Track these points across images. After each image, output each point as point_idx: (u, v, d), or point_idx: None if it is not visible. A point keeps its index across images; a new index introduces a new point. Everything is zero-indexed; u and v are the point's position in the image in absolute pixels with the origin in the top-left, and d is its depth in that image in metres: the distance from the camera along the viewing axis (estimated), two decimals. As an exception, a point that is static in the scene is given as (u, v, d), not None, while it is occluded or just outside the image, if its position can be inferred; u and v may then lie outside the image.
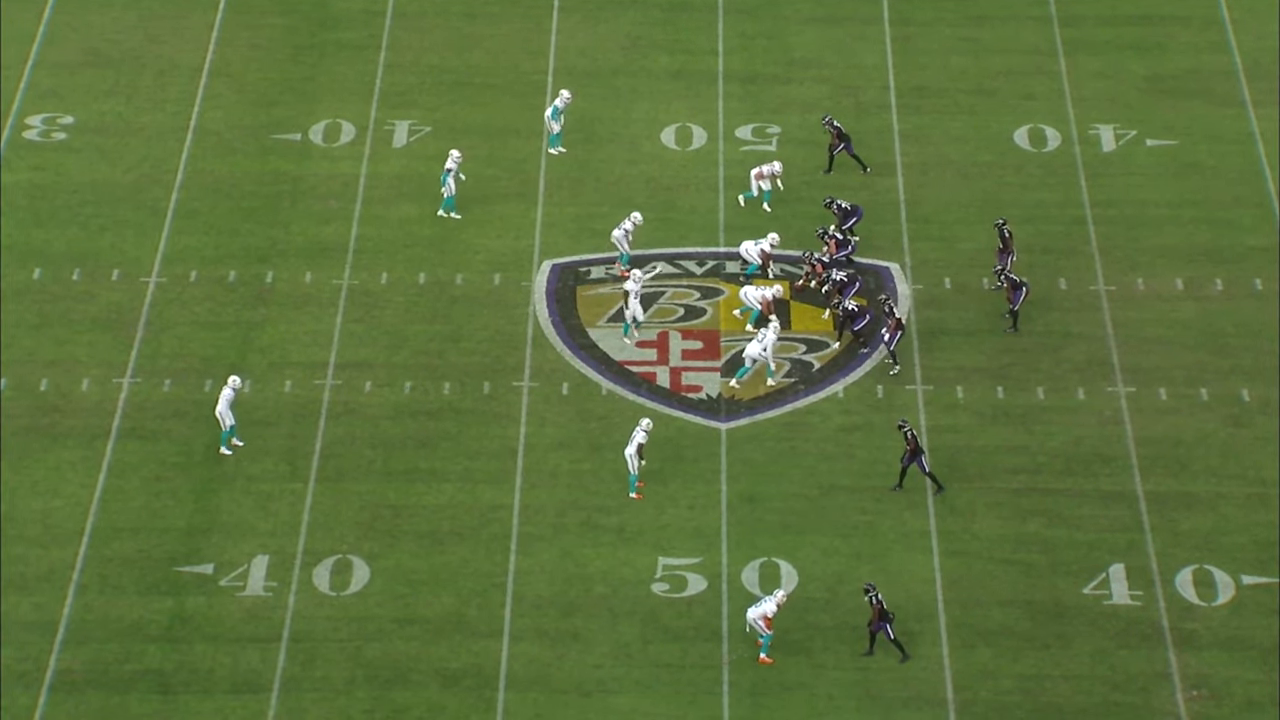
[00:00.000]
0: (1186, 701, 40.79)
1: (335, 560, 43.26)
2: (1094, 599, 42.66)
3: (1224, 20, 57.50)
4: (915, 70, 55.97)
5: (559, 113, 52.75)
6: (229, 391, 44.88)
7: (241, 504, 44.28)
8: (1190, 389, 47.08)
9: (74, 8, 57.37)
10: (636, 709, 40.50)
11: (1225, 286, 49.64)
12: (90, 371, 47.06)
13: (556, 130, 52.80)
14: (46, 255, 49.94)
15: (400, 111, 54.40)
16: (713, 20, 57.66)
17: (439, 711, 40.42)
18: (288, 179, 52.34)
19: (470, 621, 42.01)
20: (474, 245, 50.52)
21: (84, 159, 52.77)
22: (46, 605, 42.14)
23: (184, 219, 51.10)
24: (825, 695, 40.77)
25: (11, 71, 55.11)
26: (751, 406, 46.64)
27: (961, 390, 47.05)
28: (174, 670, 41.05)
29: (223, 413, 44.88)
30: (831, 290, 48.10)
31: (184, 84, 54.98)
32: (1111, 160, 53.31)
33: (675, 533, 43.78)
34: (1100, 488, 44.86)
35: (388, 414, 46.31)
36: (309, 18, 57.40)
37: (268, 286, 49.39)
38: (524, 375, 47.38)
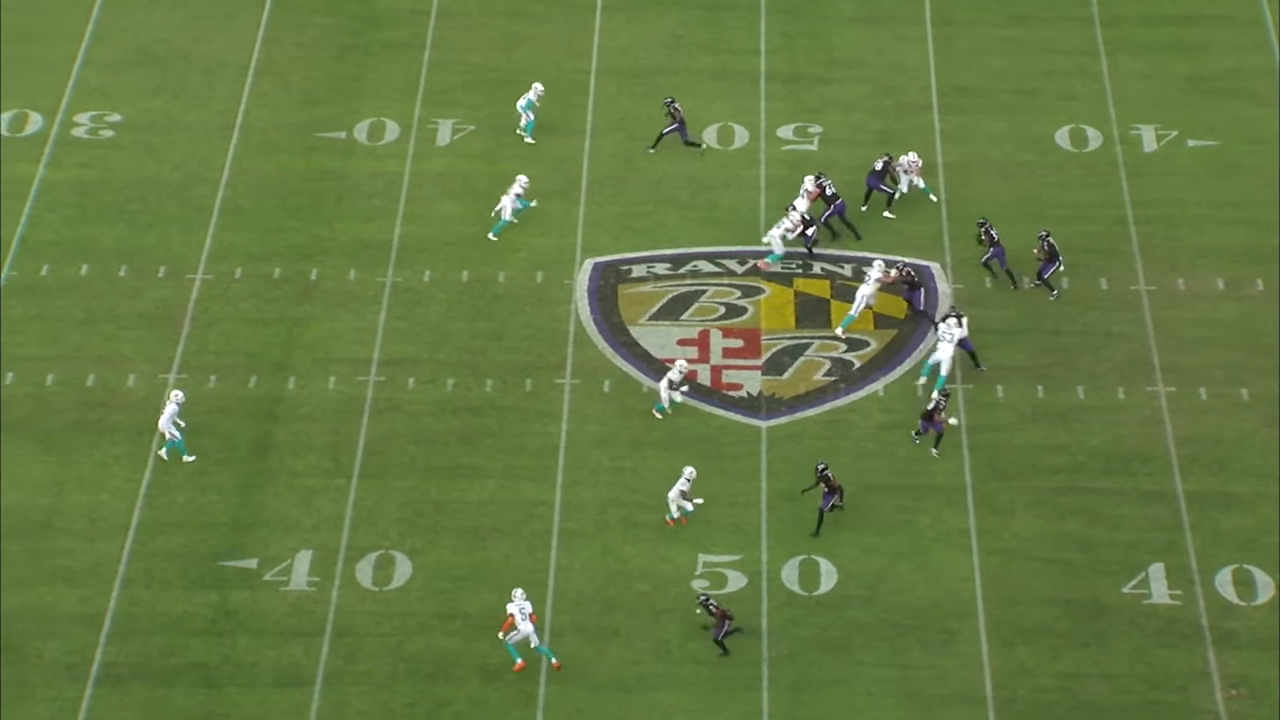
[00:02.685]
0: (1225, 700, 40.74)
1: (378, 555, 43.38)
2: (1133, 598, 42.60)
3: (1265, 20, 57.36)
4: (957, 70, 55.90)
5: (531, 105, 52.90)
6: (173, 406, 44.64)
7: (285, 499, 44.43)
8: (1230, 389, 46.97)
9: (122, 7, 57.58)
10: (676, 705, 40.56)
11: (1266, 287, 49.51)
12: (137, 367, 47.25)
13: (527, 120, 52.96)
14: (94, 251, 50.16)
15: (444, 110, 54.50)
16: (755, 20, 57.66)
17: (480, 706, 40.52)
18: (332, 177, 52.48)
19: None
20: (516, 243, 50.59)
21: (131, 156, 52.97)
22: (93, 599, 42.36)
23: (230, 216, 51.28)
24: (864, 692, 40.78)
25: (60, 70, 55.35)
26: (792, 405, 46.65)
27: (1001, 389, 46.99)
28: (218, 664, 41.23)
29: (165, 426, 44.56)
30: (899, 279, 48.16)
31: (230, 82, 55.16)
32: (1153, 160, 53.19)
33: (715, 530, 43.82)
34: (1140, 487, 44.79)
35: (430, 410, 46.41)
36: (354, 17, 57.53)
37: (312, 283, 49.53)
38: (566, 372, 47.45)
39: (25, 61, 55.57)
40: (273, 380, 47.08)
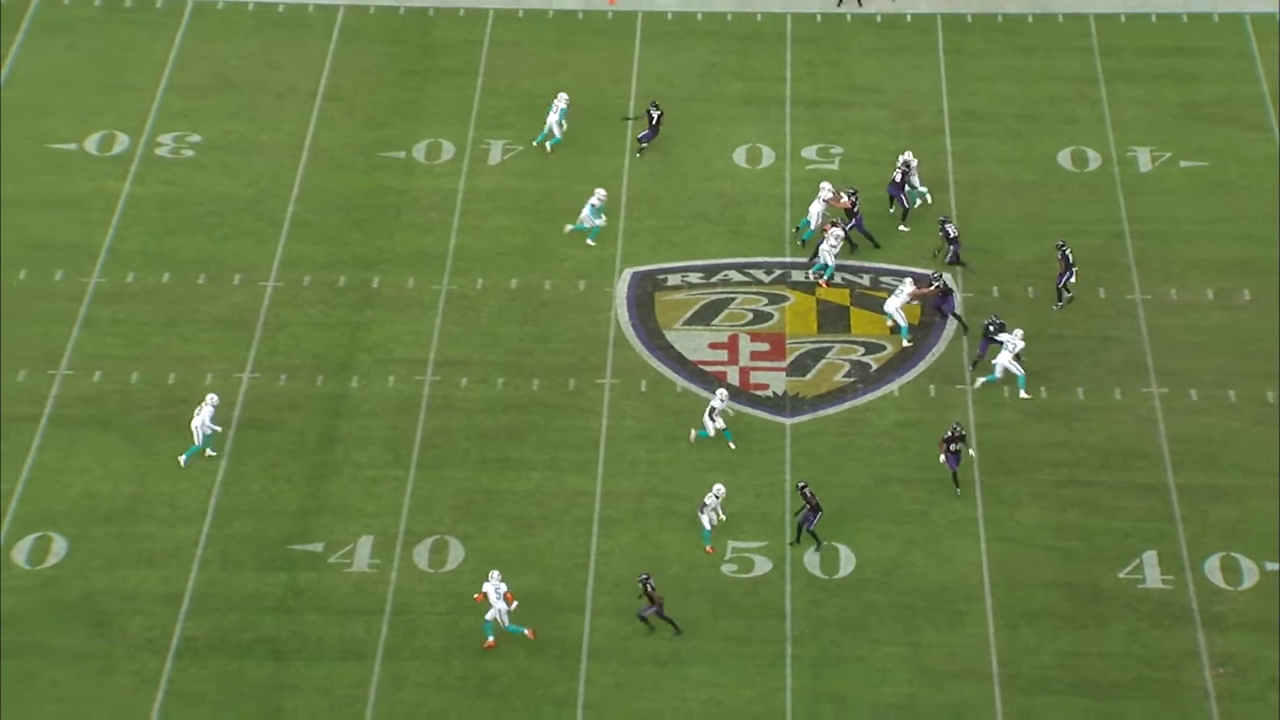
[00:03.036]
0: (1214, 678, 40.52)
1: (433, 540, 43.35)
2: (1128, 583, 42.40)
3: (1253, 52, 57.10)
4: (966, 96, 55.73)
5: (564, 114, 53.12)
6: (209, 409, 44.43)
7: (349, 488, 44.41)
8: (1219, 390, 46.73)
9: (202, 37, 57.67)
10: (707, 679, 40.45)
11: (1252, 297, 49.26)
12: (213, 366, 47.27)
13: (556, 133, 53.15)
14: (175, 260, 50.20)
15: (495, 132, 54.47)
16: (781, 49, 57.54)
17: (527, 679, 40.45)
18: (393, 193, 52.47)
19: (556, 598, 42.02)
20: (561, 254, 50.53)
21: (210, 174, 53.02)
22: (173, 579, 42.41)
23: (299, 229, 51.29)
24: (880, 668, 40.64)
25: (145, 94, 55.44)
26: (814, 403, 46.50)
27: (1008, 390, 46.79)
28: (287, 639, 41.22)
29: (199, 426, 44.31)
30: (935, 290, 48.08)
31: (300, 106, 55.19)
32: (1148, 180, 52.97)
33: (743, 519, 43.70)
34: (1135, 480, 44.58)
35: (482, 407, 46.36)
36: (414, 46, 57.55)
37: (374, 290, 49.52)
38: (606, 373, 47.37)
39: (114, 87, 55.70)
40: (337, 379, 47.07)
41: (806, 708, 39.97)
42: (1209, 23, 58.35)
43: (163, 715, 39.76)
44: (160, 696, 40.11)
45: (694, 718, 39.77)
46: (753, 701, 40.05)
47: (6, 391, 46.43)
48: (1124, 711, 39.91)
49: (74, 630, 41.25)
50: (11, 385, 46.62)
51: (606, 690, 40.27)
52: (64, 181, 52.51)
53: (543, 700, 40.08)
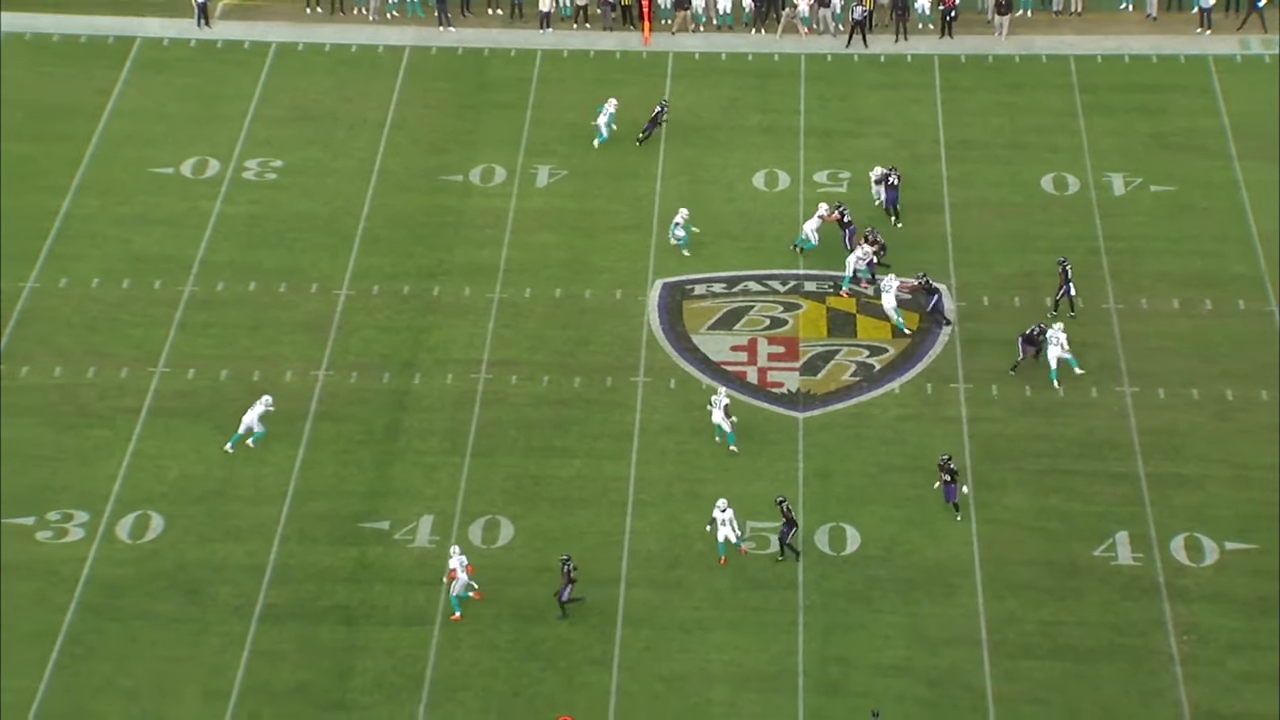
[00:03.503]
0: (1179, 644, 40.40)
1: (486, 520, 43.40)
2: (1103, 560, 42.30)
3: (1215, 89, 56.90)
4: (960, 127, 55.63)
5: (612, 118, 53.57)
6: (261, 408, 44.46)
7: (412, 473, 44.48)
8: (1184, 389, 46.59)
9: (284, 74, 57.84)
10: (728, 643, 40.45)
11: (1214, 306, 49.09)
12: (293, 365, 47.40)
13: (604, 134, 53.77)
14: (260, 271, 50.34)
15: (542, 158, 54.51)
16: (796, 86, 57.51)
17: (567, 643, 40.47)
18: (451, 212, 52.55)
19: (593, 571, 42.02)
20: (600, 266, 50.56)
21: (290, 195, 53.16)
22: (257, 552, 42.52)
23: (368, 243, 51.39)
24: (882, 635, 40.59)
25: (234, 124, 55.62)
26: (824, 400, 46.45)
27: (996, 388, 46.71)
28: (357, 606, 41.32)
29: (250, 421, 44.32)
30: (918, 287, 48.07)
31: (370, 135, 55.31)
32: (1121, 202, 52.81)
33: (761, 501, 43.67)
34: (1109, 469, 44.46)
35: (529, 402, 46.41)
36: (470, 82, 57.64)
37: (435, 298, 49.60)
38: (639, 372, 47.37)
39: (206, 118, 55.87)
40: (402, 377, 47.15)
41: (816, 669, 39.95)
42: (1176, 63, 58.19)
43: (248, 673, 39.90)
44: (245, 656, 40.25)
45: (716, 677, 39.77)
46: (769, 663, 40.05)
47: (112, 386, 46.63)
48: (1098, 674, 39.81)
49: (170, 598, 41.41)
50: (116, 381, 46.82)
51: (638, 653, 40.30)
52: (163, 201, 52.70)
53: (582, 661, 40.12)
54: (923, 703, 39.21)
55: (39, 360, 47.35)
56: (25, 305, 49.04)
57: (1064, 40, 59.16)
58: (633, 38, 59.50)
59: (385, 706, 39.22)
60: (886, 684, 39.53)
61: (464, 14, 60.22)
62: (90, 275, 50.04)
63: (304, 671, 39.88)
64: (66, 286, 49.68)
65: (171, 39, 59.01)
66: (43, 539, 42.67)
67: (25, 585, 41.54)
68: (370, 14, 60.24)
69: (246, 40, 59.06)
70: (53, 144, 54.64)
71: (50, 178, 53.38)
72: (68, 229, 51.62)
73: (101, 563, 42.13)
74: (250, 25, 59.75)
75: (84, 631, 40.59)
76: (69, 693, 39.43)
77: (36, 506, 43.36)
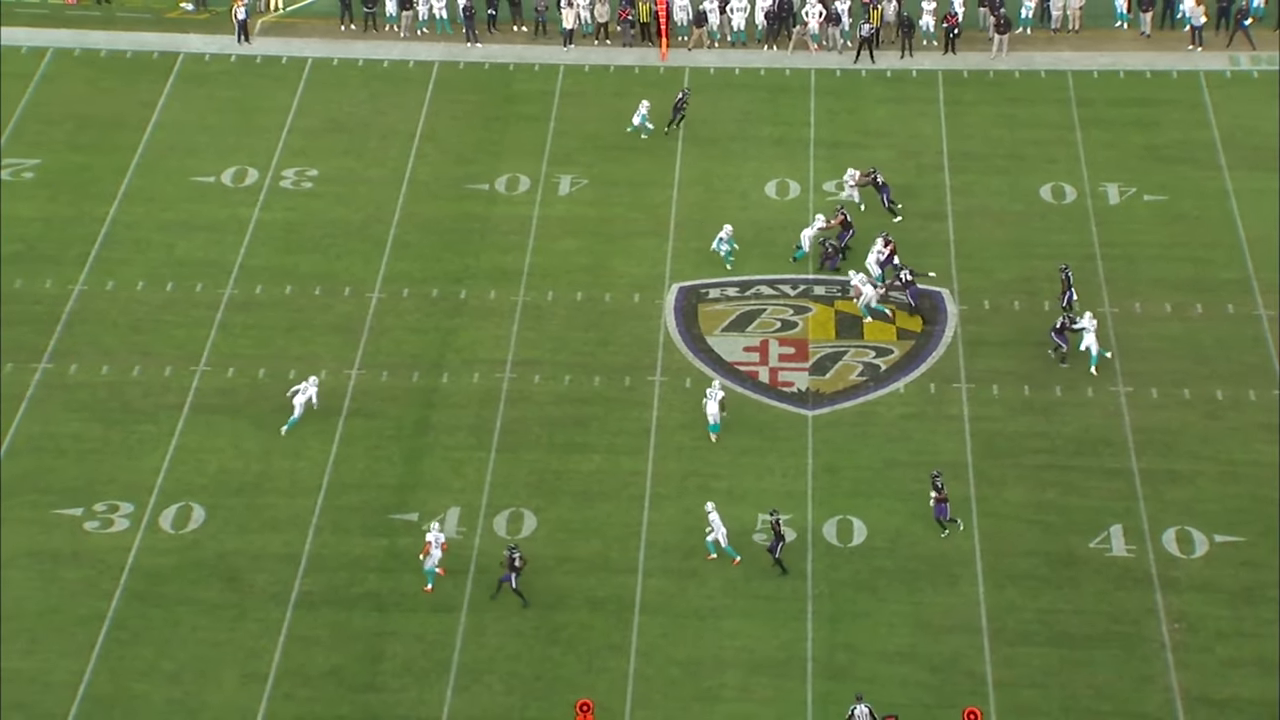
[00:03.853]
0: (1170, 632, 40.38)
1: (510, 512, 43.47)
2: (1098, 551, 42.28)
3: (1206, 103, 56.84)
4: (963, 139, 55.61)
5: (645, 118, 54.50)
6: (306, 396, 44.64)
7: (440, 467, 44.57)
8: (1176, 389, 46.55)
9: (319, 88, 57.99)
10: (740, 630, 40.50)
11: (1204, 310, 49.04)
12: (327, 364, 47.51)
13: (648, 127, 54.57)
14: (296, 275, 50.46)
15: (564, 168, 54.59)
16: (806, 99, 57.54)
17: (588, 629, 40.56)
18: (478, 219, 52.64)
19: (613, 561, 42.11)
20: (619, 271, 50.63)
21: (325, 202, 53.29)
22: (293, 541, 42.64)
23: (399, 249, 51.50)
24: (887, 623, 40.61)
25: (271, 135, 55.76)
26: (832, 398, 46.48)
27: (996, 388, 46.71)
28: (388, 593, 41.42)
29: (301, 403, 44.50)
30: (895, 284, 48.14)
31: (401, 146, 55.42)
32: (1116, 211, 52.78)
33: (772, 495, 43.70)
34: (1104, 465, 44.43)
35: (551, 400, 46.48)
36: (496, 95, 57.74)
37: (462, 301, 49.69)
38: (656, 372, 47.43)
39: (245, 130, 56.03)
40: (430, 375, 47.25)
41: (824, 655, 39.98)
42: (1169, 78, 58.12)
43: (284, 657, 40.02)
44: (282, 641, 40.37)
45: (729, 663, 39.82)
46: (779, 649, 40.08)
47: (156, 384, 46.80)
48: (1093, 660, 39.80)
49: (210, 585, 41.54)
50: (159, 379, 46.99)
51: (655, 639, 40.35)
52: (204, 209, 52.85)
53: (601, 647, 40.18)
54: (926, 687, 39.22)
55: (87, 359, 47.54)
56: (74, 307, 49.24)
57: (1062, 56, 59.13)
58: (651, 53, 59.54)
59: (414, 689, 39.32)
60: (891, 669, 39.55)
61: (490, 31, 60.33)
62: (135, 279, 50.22)
63: (337, 655, 39.99)
64: (113, 289, 49.87)
65: (213, 54, 59.18)
66: (90, 529, 42.86)
67: (74, 573, 41.72)
68: (401, 31, 60.37)
69: (284, 56, 59.21)
70: (100, 154, 54.84)
71: (98, 186, 53.58)
72: (114, 235, 51.81)
73: (145, 552, 42.29)
74: (287, 41, 59.91)
75: (129, 617, 40.75)
76: (114, 675, 39.60)
77: (84, 498, 43.53)
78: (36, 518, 42.97)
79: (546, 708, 38.89)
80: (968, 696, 38.98)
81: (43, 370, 47.12)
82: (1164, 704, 38.95)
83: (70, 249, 51.13)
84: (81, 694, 39.20)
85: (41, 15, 60.78)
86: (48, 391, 46.50)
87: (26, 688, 39.24)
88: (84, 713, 38.81)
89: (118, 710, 38.85)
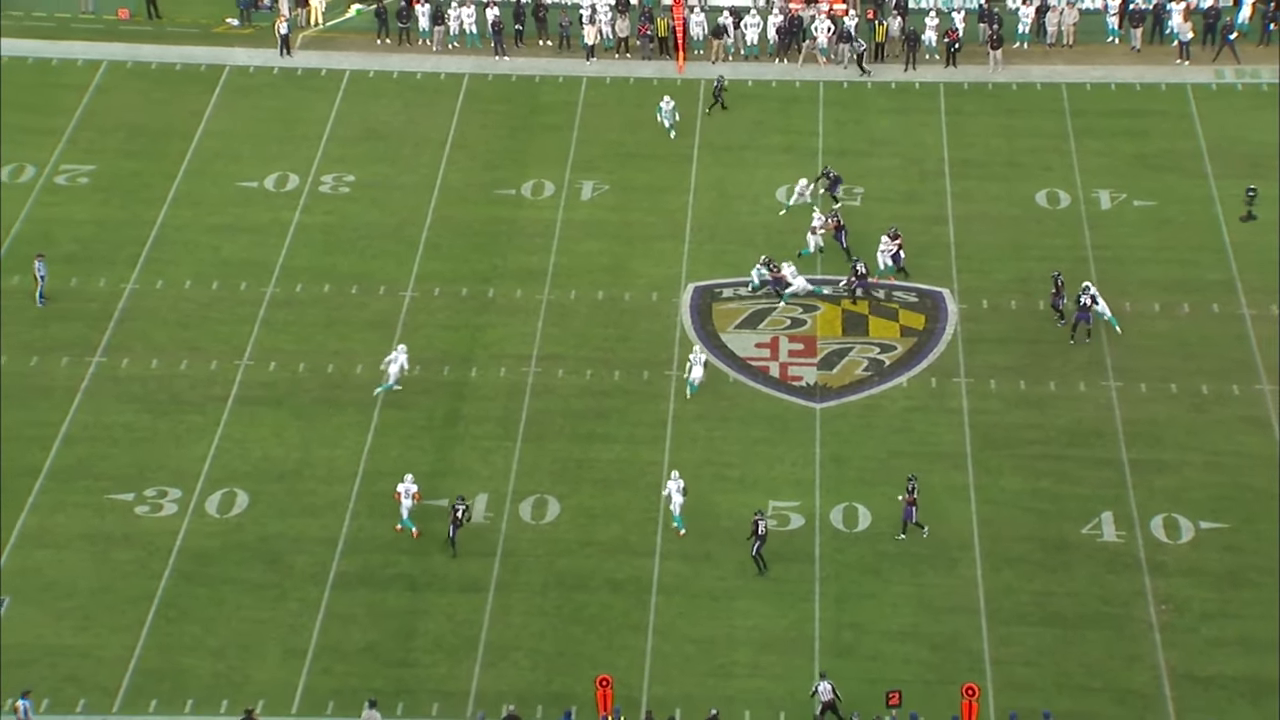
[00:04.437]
0: (1157, 613, 40.25)
1: (535, 498, 43.43)
2: (1089, 537, 42.14)
3: (1193, 114, 56.60)
4: (963, 147, 55.44)
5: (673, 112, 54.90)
6: (403, 357, 45.24)
7: (469, 456, 44.54)
8: (1163, 384, 46.35)
9: (356, 99, 57.98)
10: (752, 610, 40.44)
11: (1190, 309, 48.84)
12: (363, 359, 47.50)
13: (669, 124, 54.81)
14: (334, 275, 50.45)
15: (587, 174, 54.52)
16: (814, 110, 57.39)
17: (608, 609, 40.51)
18: (505, 222, 52.60)
19: (632, 544, 42.06)
20: (638, 272, 50.54)
21: (361, 206, 53.28)
22: (330, 525, 42.65)
23: (431, 250, 51.47)
24: (890, 604, 40.52)
25: (311, 144, 55.77)
26: (839, 392, 46.36)
27: (994, 382, 46.56)
28: (420, 574, 41.42)
29: (395, 371, 44.99)
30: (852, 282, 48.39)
31: (433, 153, 55.39)
32: (1108, 215, 52.58)
33: (781, 483, 43.62)
34: (1095, 455, 44.27)
35: (574, 393, 46.41)
36: (523, 105, 57.68)
37: (490, 299, 49.64)
38: (673, 367, 47.35)
39: (287, 138, 56.03)
40: (460, 369, 47.22)
41: (831, 634, 39.89)
42: (1158, 91, 57.88)
43: (322, 634, 40.03)
44: (320, 619, 40.38)
45: (741, 641, 39.76)
46: (788, 628, 40.00)
47: (202, 377, 46.84)
48: (1085, 639, 39.67)
49: (253, 566, 41.57)
50: (206, 372, 47.03)
51: (671, 618, 40.29)
52: (248, 212, 52.87)
53: (621, 626, 40.13)
54: (927, 664, 39.12)
55: (138, 353, 47.58)
56: (126, 305, 49.28)
57: (1056, 70, 58.92)
58: (668, 66, 59.43)
59: (445, 665, 39.30)
60: (894, 648, 39.46)
61: (517, 45, 60.29)
62: (183, 278, 50.24)
63: (372, 633, 39.99)
64: (162, 288, 49.90)
65: (257, 67, 59.19)
66: (141, 513, 42.89)
67: (125, 554, 41.77)
68: (433, 45, 60.35)
69: (323, 68, 59.21)
70: (151, 161, 54.89)
71: (149, 191, 53.63)
72: (164, 237, 51.85)
73: (192, 534, 42.32)
74: (326, 55, 59.91)
75: (177, 596, 40.79)
76: (163, 650, 39.63)
77: (135, 484, 43.58)
78: (91, 502, 43.03)
79: (569, 682, 38.85)
80: (966, 673, 38.86)
81: (96, 364, 47.17)
82: (1151, 681, 38.80)
83: (122, 250, 51.18)
84: (132, 668, 39.25)
85: (97, 30, 60.86)
86: (101, 384, 46.55)
87: (81, 662, 39.30)
88: (135, 685, 38.85)
89: (166, 683, 38.87)
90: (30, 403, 45.76)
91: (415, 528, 41.55)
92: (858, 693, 38.20)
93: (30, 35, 60.29)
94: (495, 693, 38.70)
